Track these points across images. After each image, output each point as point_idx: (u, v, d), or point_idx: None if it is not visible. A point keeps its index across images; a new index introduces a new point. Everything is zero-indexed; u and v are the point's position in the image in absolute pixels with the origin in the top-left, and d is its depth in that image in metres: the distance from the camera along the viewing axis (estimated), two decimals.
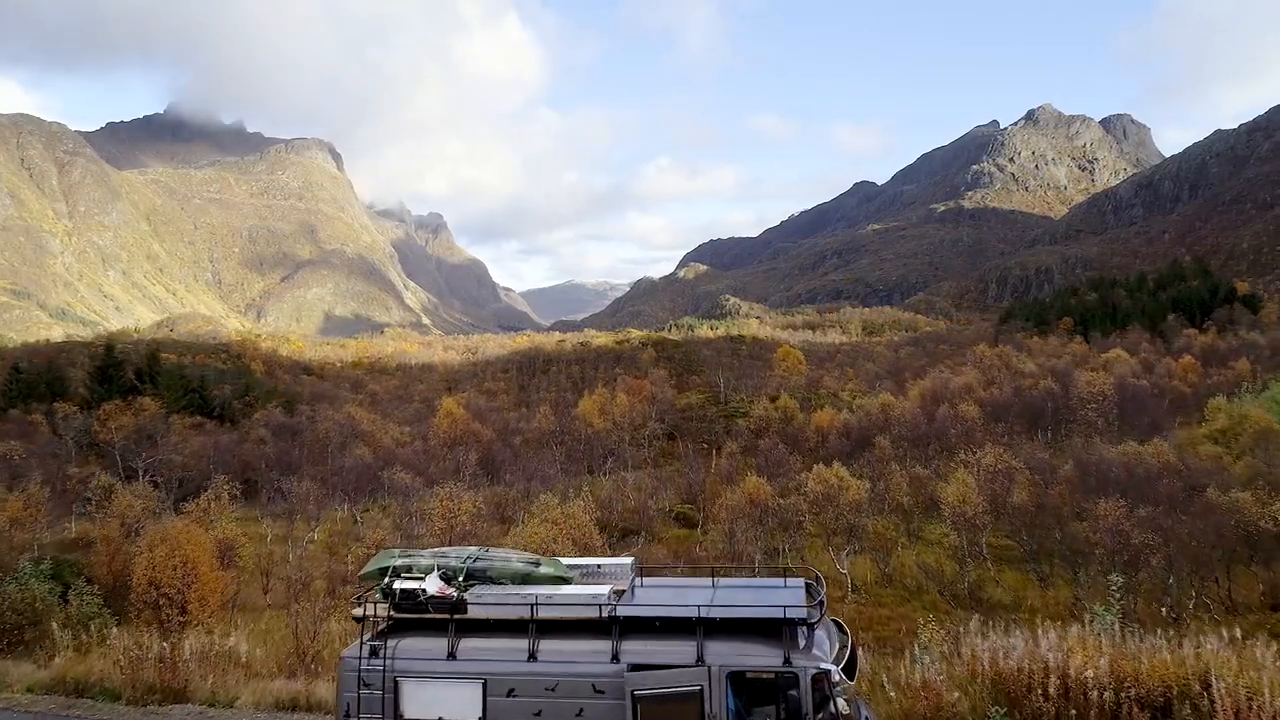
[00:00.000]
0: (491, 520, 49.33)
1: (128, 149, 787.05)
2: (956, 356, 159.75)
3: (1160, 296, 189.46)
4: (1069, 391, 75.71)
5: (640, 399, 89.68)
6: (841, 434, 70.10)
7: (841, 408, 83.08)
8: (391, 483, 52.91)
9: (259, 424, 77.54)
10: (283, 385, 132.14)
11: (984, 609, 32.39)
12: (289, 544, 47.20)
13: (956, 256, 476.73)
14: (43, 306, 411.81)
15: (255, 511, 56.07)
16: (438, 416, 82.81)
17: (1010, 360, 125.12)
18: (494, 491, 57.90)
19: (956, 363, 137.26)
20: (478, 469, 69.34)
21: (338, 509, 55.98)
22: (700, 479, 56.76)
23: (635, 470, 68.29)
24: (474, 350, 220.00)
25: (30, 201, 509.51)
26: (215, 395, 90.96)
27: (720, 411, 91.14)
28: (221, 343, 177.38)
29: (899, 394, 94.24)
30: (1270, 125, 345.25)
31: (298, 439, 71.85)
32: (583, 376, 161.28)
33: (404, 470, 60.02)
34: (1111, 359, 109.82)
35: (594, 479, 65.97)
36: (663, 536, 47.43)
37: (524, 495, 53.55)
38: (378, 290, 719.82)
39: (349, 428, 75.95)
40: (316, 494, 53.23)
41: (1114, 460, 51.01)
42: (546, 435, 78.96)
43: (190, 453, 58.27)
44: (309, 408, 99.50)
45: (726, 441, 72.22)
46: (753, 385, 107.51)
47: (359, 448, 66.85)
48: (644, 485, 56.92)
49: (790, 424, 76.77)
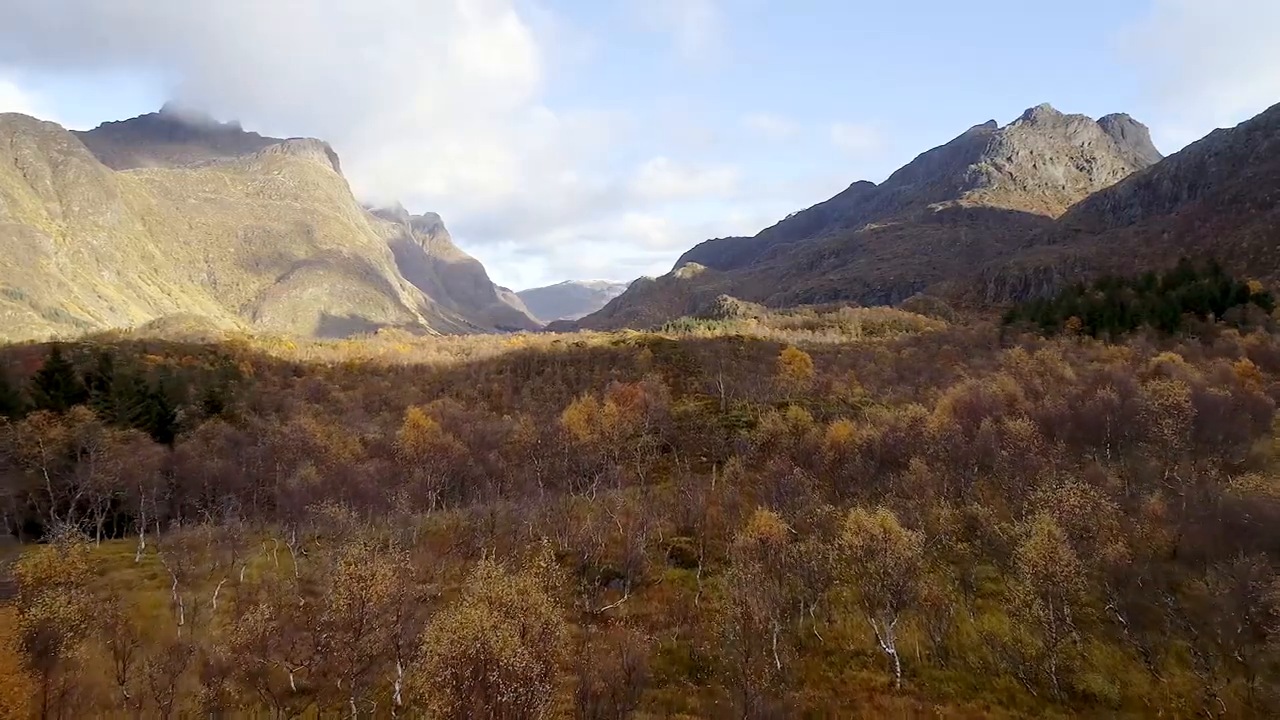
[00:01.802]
0: (453, 557, 42.45)
1: (122, 149, 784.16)
2: (974, 359, 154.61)
3: (1170, 295, 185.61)
4: (1125, 402, 64.80)
5: (632, 407, 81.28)
6: (863, 452, 59.75)
7: (857, 418, 74.02)
8: (320, 516, 41.26)
9: (205, 436, 68.67)
10: (272, 387, 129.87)
11: (1079, 703, 25.93)
12: (186, 600, 35.71)
13: (954, 256, 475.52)
14: (35, 307, 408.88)
15: (160, 553, 44.36)
16: (403, 428, 74.77)
17: (1053, 365, 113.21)
18: (459, 515, 51.31)
19: (980, 368, 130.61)
20: (449, 486, 62.80)
21: (274, 541, 47.58)
22: (699, 503, 49.67)
23: (625, 487, 60.65)
24: (468, 351, 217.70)
25: (24, 201, 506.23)
26: (176, 402, 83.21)
27: (721, 421, 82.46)
28: (210, 344, 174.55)
29: (916, 400, 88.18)
30: (1269, 124, 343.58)
31: (242, 455, 62.61)
32: (578, 378, 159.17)
33: (355, 492, 50.79)
34: (1165, 362, 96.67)
35: (577, 497, 58.74)
36: (654, 579, 39.89)
37: (488, 526, 46.31)
38: (374, 290, 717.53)
39: (299, 442, 66.07)
40: (247, 525, 45.93)
41: (1250, 499, 38.17)
42: (527, 448, 70.69)
43: (121, 471, 49.50)
44: (275, 416, 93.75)
45: (729, 458, 64.70)
46: (756, 390, 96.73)
47: (306, 467, 56.15)
48: (633, 510, 49.21)
49: (802, 438, 67.53)
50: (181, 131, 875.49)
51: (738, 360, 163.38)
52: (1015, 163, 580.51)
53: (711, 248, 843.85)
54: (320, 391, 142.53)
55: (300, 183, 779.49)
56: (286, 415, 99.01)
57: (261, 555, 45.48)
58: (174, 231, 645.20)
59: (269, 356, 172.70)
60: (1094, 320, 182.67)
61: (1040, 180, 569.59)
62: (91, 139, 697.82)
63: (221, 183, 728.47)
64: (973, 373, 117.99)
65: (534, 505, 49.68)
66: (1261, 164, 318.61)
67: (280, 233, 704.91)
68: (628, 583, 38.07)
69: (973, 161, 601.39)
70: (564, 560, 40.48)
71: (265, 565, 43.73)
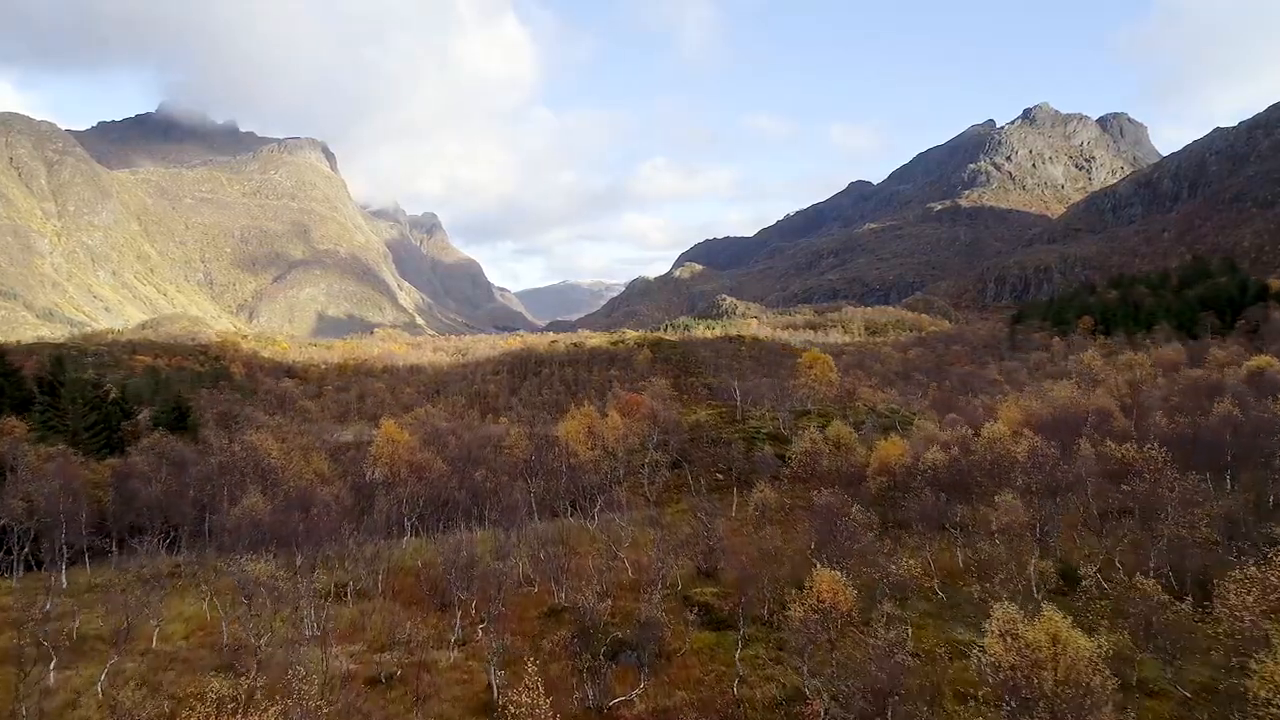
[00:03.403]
0: (424, 610, 34.94)
1: (119, 148, 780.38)
2: (1005, 361, 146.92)
3: (1187, 294, 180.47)
4: (1248, 415, 54.50)
5: (638, 418, 72.88)
6: (928, 479, 47.94)
7: (901, 432, 62.90)
8: (242, 574, 31.95)
9: (152, 451, 58.01)
10: (263, 388, 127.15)
11: None
12: (64, 682, 26.82)
13: (953, 256, 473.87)
14: (29, 307, 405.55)
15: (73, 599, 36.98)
16: (375, 444, 65.30)
17: (1143, 370, 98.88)
18: (438, 547, 43.12)
19: (1014, 371, 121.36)
20: (426, 511, 53.95)
21: (205, 589, 36.93)
22: (720, 533, 41.17)
23: (629, 510, 52.42)
24: (464, 351, 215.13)
25: (18, 201, 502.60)
26: (142, 407, 74.84)
27: (739, 432, 74.20)
28: (200, 344, 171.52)
29: (929, 403, 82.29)
30: (1270, 123, 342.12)
31: (188, 476, 52.71)
32: (576, 379, 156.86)
33: (311, 525, 41.04)
34: (1264, 367, 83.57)
35: (575, 521, 51.57)
36: (676, 649, 30.71)
37: (465, 568, 35.69)
38: (371, 290, 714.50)
39: (250, 462, 55.91)
40: (190, 558, 38.22)
41: None
42: (519, 464, 62.78)
43: (48, 495, 42.00)
44: (246, 424, 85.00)
45: (751, 477, 55.38)
46: (775, 397, 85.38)
47: (252, 495, 46.95)
48: (643, 542, 41.28)
49: (849, 457, 55.92)
50: (178, 131, 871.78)
51: (739, 361, 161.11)
52: (1014, 162, 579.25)
53: (709, 247, 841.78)
54: (285, 399, 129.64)
55: (297, 182, 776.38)
56: (256, 425, 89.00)
57: (190, 605, 36.58)
58: (170, 231, 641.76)
59: (261, 357, 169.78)
60: (1108, 320, 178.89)
61: (1039, 179, 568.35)
62: (87, 138, 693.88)
63: (218, 182, 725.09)
64: (1004, 376, 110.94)
65: (524, 538, 42.53)
66: (1263, 162, 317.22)
67: (277, 233, 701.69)
68: (644, 657, 29.55)
69: (971, 161, 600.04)
70: (560, 618, 34.36)
71: (192, 621, 35.08)
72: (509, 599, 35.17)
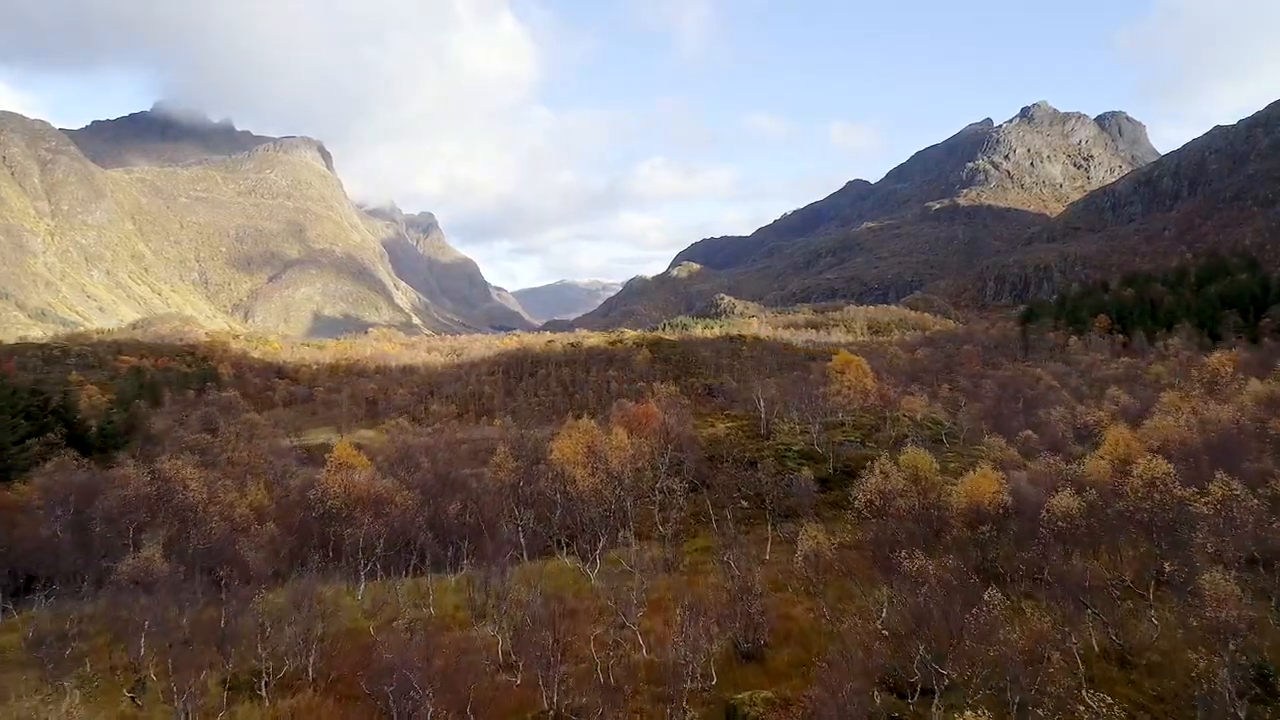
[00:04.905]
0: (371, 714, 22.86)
1: (113, 147, 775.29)
2: (1053, 364, 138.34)
3: (1207, 292, 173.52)
4: None
5: (646, 434, 61.06)
6: (1052, 529, 34.68)
7: (944, 444, 52.08)
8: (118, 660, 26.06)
9: (48, 475, 48.58)
10: (252, 389, 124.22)
11: None
12: None
13: (952, 255, 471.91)
14: (21, 307, 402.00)
15: None
16: (325, 472, 53.97)
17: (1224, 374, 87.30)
18: (397, 600, 34.65)
19: (1063, 375, 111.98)
20: (389, 553, 42.42)
21: (87, 673, 27.01)
22: (759, 594, 30.32)
23: (639, 550, 42.25)
24: (459, 351, 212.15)
25: (11, 200, 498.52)
26: (89, 416, 67.28)
27: (767, 451, 62.83)
28: (188, 345, 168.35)
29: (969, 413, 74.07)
30: (1270, 121, 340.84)
31: (92, 511, 43.08)
32: (573, 379, 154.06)
33: (235, 572, 33.86)
34: None
35: (573, 564, 43.09)
36: None
37: (427, 647, 26.05)
38: (367, 290, 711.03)
39: (161, 496, 46.06)
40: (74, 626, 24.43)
41: None
42: (505, 490, 52.31)
43: None
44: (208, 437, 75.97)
45: (792, 513, 45.47)
46: (804, 408, 71.96)
47: (150, 544, 38.85)
48: (665, 603, 32.27)
49: (929, 496, 42.83)
50: (173, 130, 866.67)
51: (739, 361, 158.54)
52: (1013, 161, 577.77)
53: (707, 247, 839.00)
54: (228, 405, 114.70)
55: (293, 181, 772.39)
56: (183, 445, 75.21)
57: (48, 700, 24.19)
58: (165, 231, 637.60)
59: (250, 358, 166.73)
60: (1124, 319, 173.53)
61: (1038, 178, 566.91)
62: (81, 137, 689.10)
63: (213, 181, 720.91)
64: (1058, 381, 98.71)
65: (507, 592, 32.14)
66: (1263, 161, 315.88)
67: (272, 232, 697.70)
68: None
69: (970, 160, 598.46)
70: None
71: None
72: (481, 696, 24.25)
